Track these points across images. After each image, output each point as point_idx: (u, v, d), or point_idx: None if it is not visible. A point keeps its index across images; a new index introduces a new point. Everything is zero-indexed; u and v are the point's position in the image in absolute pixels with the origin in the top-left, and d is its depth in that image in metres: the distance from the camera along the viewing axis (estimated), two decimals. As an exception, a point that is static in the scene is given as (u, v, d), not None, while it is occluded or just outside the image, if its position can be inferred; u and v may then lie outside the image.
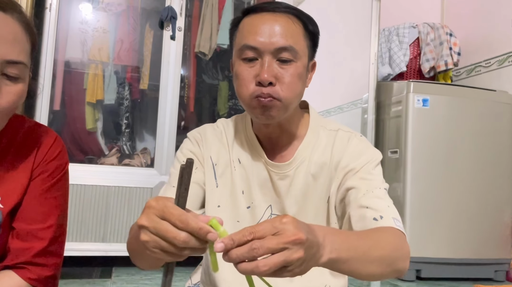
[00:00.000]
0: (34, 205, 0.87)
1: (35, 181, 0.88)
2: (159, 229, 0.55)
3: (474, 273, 2.72)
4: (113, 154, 2.74)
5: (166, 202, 0.57)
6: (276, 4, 0.89)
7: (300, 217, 0.92)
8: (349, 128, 1.00)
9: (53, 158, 0.90)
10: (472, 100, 2.81)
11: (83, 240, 2.42)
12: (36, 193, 0.87)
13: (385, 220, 0.82)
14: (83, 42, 2.70)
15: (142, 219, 0.57)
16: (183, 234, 0.54)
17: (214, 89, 3.16)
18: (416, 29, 3.24)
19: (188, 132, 1.04)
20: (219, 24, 2.87)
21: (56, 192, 0.90)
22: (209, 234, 0.55)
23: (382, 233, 0.79)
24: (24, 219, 0.86)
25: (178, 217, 0.55)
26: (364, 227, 0.82)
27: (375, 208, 0.84)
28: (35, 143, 0.89)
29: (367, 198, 0.86)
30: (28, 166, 0.87)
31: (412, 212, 2.64)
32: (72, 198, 2.40)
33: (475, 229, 2.73)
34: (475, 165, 2.76)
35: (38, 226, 0.86)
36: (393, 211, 0.86)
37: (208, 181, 0.97)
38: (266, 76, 0.84)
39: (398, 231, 0.82)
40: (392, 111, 2.86)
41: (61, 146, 0.93)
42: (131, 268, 2.51)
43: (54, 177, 0.90)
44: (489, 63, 3.23)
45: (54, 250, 0.89)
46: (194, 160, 0.98)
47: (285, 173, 0.95)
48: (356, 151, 0.94)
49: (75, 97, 2.73)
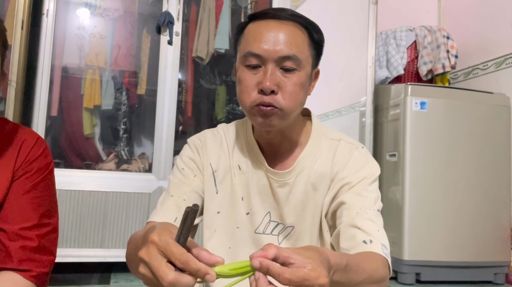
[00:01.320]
0: (17, 205, 0.88)
1: (17, 182, 0.89)
2: (152, 266, 0.57)
3: (474, 276, 2.71)
4: (111, 160, 2.73)
5: (168, 239, 0.58)
6: (282, 12, 0.89)
7: (297, 225, 0.93)
8: (351, 139, 1.00)
9: (35, 158, 0.91)
10: (470, 102, 2.82)
11: (81, 246, 2.41)
12: (18, 194, 0.88)
13: (374, 246, 0.84)
14: (80, 47, 2.70)
15: (143, 252, 0.58)
16: (170, 276, 0.55)
17: (211, 93, 3.15)
18: (413, 32, 3.25)
19: (188, 138, 1.04)
20: (216, 29, 2.87)
21: (40, 192, 0.91)
22: (207, 276, 0.56)
23: (373, 263, 0.80)
24: (8, 220, 0.87)
25: (178, 256, 0.56)
26: (352, 247, 0.84)
27: (366, 231, 0.85)
28: (17, 144, 0.90)
29: (360, 218, 0.87)
30: (9, 167, 0.88)
31: (411, 215, 2.64)
32: (70, 204, 2.39)
33: (474, 232, 2.73)
34: (474, 167, 2.76)
35: (23, 225, 0.87)
36: (383, 236, 0.87)
37: (208, 188, 0.97)
38: (268, 84, 0.84)
39: (385, 260, 0.84)
40: (390, 114, 2.86)
41: (44, 146, 0.93)
42: (129, 273, 2.49)
43: (38, 177, 0.91)
44: (486, 66, 3.24)
45: (45, 248, 0.90)
46: (194, 167, 0.98)
47: (285, 180, 0.94)
48: (356, 165, 0.94)
49: (72, 103, 2.73)
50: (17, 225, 0.87)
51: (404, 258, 2.60)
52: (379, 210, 0.92)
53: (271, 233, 0.95)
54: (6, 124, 0.92)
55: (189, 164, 0.98)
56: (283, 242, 0.95)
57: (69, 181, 2.41)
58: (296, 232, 0.95)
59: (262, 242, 0.94)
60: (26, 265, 0.86)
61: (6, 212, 0.87)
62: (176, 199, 0.93)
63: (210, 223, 0.97)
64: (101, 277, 2.43)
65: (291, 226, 0.95)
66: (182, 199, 0.94)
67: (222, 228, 0.96)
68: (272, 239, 0.95)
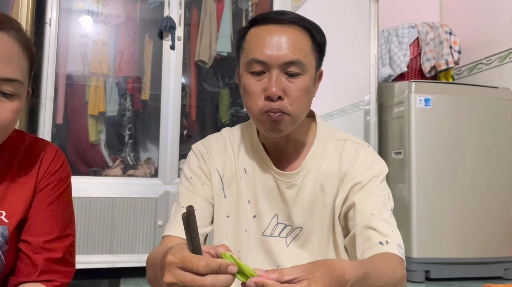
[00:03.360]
0: (41, 218, 0.88)
1: (40, 195, 0.89)
2: (185, 282, 0.58)
3: (484, 272, 2.70)
4: (117, 166, 2.74)
5: (183, 252, 0.60)
6: (284, 15, 0.88)
7: (306, 226, 0.94)
8: (357, 138, 1.00)
9: (55, 170, 0.92)
10: (474, 98, 2.81)
11: (90, 252, 2.42)
12: (42, 206, 0.89)
13: (391, 246, 0.84)
14: (83, 55, 2.72)
15: (167, 276, 0.60)
16: (208, 279, 0.58)
17: (215, 96, 3.16)
18: (415, 29, 3.24)
19: (193, 144, 1.04)
20: (218, 32, 2.88)
21: (61, 204, 0.92)
22: (229, 267, 0.59)
23: (392, 264, 0.81)
24: (33, 232, 0.87)
25: (198, 263, 0.58)
26: (369, 248, 0.85)
27: (382, 232, 0.86)
28: (37, 157, 0.91)
29: (375, 219, 0.87)
30: (31, 180, 0.89)
31: (418, 213, 2.62)
32: (78, 210, 2.40)
33: (483, 227, 2.71)
34: (480, 162, 2.75)
35: (47, 237, 0.88)
36: (397, 237, 0.88)
37: (216, 193, 0.98)
38: (274, 90, 0.84)
39: (401, 261, 0.85)
40: (394, 112, 2.85)
41: (63, 158, 0.94)
42: (139, 278, 2.50)
43: (58, 189, 0.92)
44: (490, 60, 3.23)
45: (68, 259, 0.91)
46: (201, 174, 0.98)
47: (293, 182, 0.94)
48: (364, 164, 0.94)
49: (77, 110, 2.74)
50: (42, 238, 0.87)
51: (413, 256, 2.59)
52: (392, 209, 0.92)
53: (279, 235, 0.95)
54: (25, 138, 0.93)
55: (196, 172, 0.99)
56: (292, 243, 0.95)
57: (76, 188, 2.40)
58: (304, 233, 0.95)
59: (270, 245, 0.95)
60: (50, 276, 0.87)
61: (30, 225, 0.88)
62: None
63: (220, 228, 0.97)
64: (110, 283, 2.43)
65: (299, 227, 0.95)
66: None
67: (232, 232, 0.96)
68: (280, 241, 0.95)
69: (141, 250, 2.49)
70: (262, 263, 0.95)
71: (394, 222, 0.91)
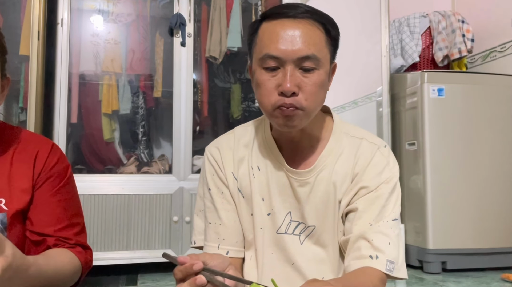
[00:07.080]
0: (48, 211, 0.92)
1: (41, 189, 0.93)
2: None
3: (501, 262, 2.67)
4: (132, 163, 2.77)
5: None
6: (297, 9, 0.85)
7: (319, 225, 0.94)
8: (374, 137, 0.98)
9: (53, 165, 0.95)
10: (489, 86, 2.77)
11: (107, 249, 2.45)
12: (46, 198, 0.93)
13: (379, 262, 0.84)
14: (95, 54, 2.74)
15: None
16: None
17: (226, 92, 3.16)
18: (427, 18, 3.20)
19: (206, 147, 1.03)
20: (228, 28, 2.88)
21: (64, 195, 0.96)
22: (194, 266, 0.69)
23: (370, 281, 0.81)
24: (42, 224, 0.91)
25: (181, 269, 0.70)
26: (357, 258, 0.85)
27: (375, 245, 0.85)
28: (32, 153, 0.94)
29: (372, 231, 0.87)
30: (28, 173, 0.92)
31: (433, 204, 2.61)
32: (94, 208, 2.44)
33: (500, 217, 2.68)
34: (495, 151, 2.72)
35: (56, 227, 0.92)
36: (392, 251, 0.87)
37: (235, 196, 0.98)
38: (289, 86, 0.82)
39: (384, 277, 0.85)
40: (407, 102, 2.83)
41: (59, 152, 0.98)
42: (156, 274, 2.53)
43: (60, 181, 0.95)
44: (504, 48, 3.18)
45: (80, 241, 0.96)
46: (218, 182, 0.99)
47: (306, 179, 0.93)
48: (375, 168, 0.92)
49: (91, 109, 2.77)
50: (52, 227, 0.92)
51: (429, 247, 2.58)
52: (396, 219, 0.90)
53: (293, 233, 0.95)
54: (20, 133, 0.97)
55: (214, 180, 0.99)
56: (305, 241, 0.95)
57: (92, 186, 2.46)
58: (317, 231, 0.94)
59: (284, 243, 0.95)
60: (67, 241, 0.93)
61: (39, 219, 0.92)
62: (213, 226, 0.97)
63: (248, 226, 0.98)
64: (128, 279, 2.47)
65: (312, 226, 0.94)
66: (218, 224, 0.97)
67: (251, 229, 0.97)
68: (294, 239, 0.95)
69: (157, 246, 2.52)
70: (278, 261, 0.95)
71: (394, 232, 0.89)
